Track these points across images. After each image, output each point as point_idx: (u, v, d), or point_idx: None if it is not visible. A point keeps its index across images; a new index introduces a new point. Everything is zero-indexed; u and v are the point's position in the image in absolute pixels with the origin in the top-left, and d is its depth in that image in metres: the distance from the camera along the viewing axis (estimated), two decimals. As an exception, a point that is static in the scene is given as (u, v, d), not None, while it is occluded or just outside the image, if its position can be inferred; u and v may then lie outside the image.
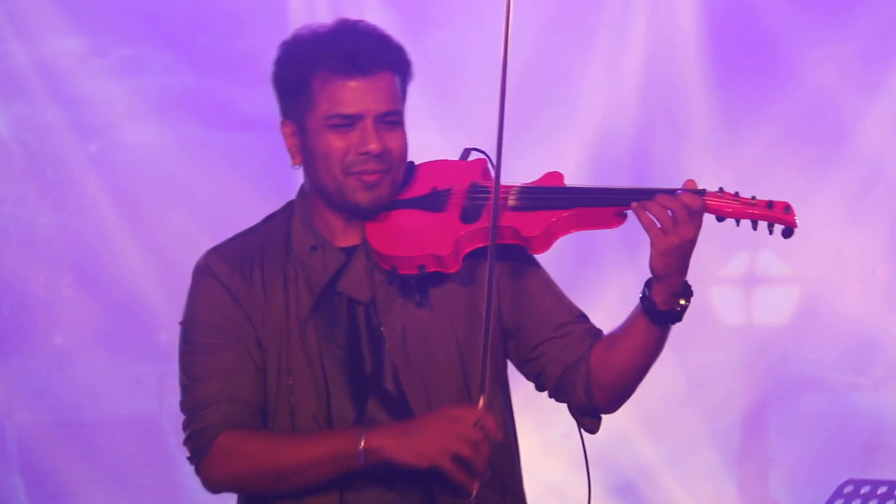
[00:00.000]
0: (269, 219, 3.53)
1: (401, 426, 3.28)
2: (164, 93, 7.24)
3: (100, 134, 7.27)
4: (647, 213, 3.24)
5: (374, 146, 3.35)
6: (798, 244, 3.58)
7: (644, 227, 3.25)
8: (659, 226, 3.23)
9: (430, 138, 6.07)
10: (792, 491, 7.29)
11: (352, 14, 6.91)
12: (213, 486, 3.41)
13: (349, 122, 3.36)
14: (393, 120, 3.39)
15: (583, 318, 3.47)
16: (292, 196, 3.56)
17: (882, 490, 5.76)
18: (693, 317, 3.46)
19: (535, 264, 3.49)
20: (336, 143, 3.36)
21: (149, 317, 7.15)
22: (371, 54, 3.37)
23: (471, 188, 3.41)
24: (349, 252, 3.42)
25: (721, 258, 7.48)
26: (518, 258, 3.44)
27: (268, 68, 3.51)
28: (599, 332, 3.45)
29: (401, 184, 3.44)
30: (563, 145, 7.28)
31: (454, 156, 3.54)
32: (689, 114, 7.44)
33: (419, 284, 3.39)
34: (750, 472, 7.33)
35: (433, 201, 3.42)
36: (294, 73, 3.41)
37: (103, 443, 7.18)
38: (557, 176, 3.40)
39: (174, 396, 3.47)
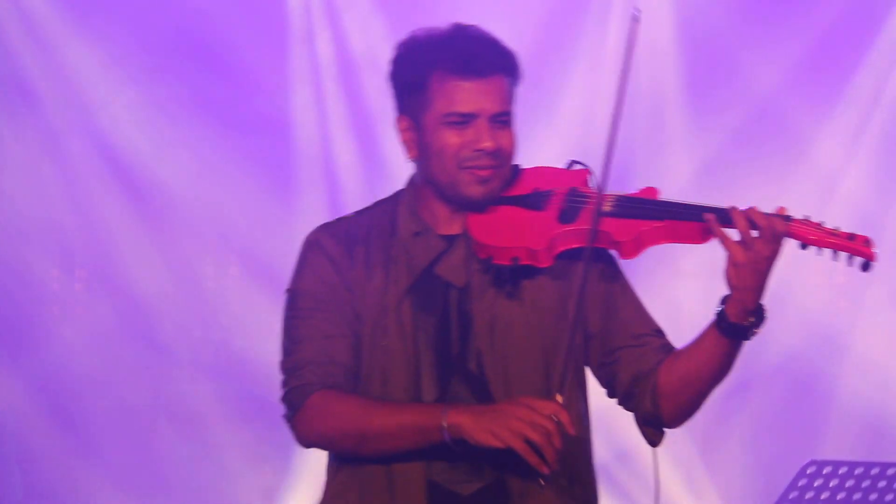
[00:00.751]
0: (378, 204, 3.66)
1: (481, 407, 3.37)
2: (174, 97, 7.22)
3: (110, 136, 7.27)
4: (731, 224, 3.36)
5: (488, 143, 3.47)
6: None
7: (719, 239, 3.37)
8: (738, 238, 3.35)
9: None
10: (759, 472, 7.35)
11: (350, 27, 6.97)
12: (304, 440, 3.54)
13: (465, 120, 3.47)
14: (504, 120, 3.51)
15: (660, 333, 3.58)
16: (298, 198, 3.64)
17: (843, 470, 5.92)
18: (662, 308, 3.64)
19: (623, 274, 3.60)
20: (452, 139, 3.48)
21: (153, 311, 7.10)
22: (486, 57, 3.49)
23: (570, 192, 3.52)
24: (450, 239, 3.54)
25: (685, 250, 7.58)
26: (608, 264, 3.57)
27: (272, 73, 3.48)
28: (673, 348, 3.55)
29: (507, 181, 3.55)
30: (544, 149, 7.29)
31: None
32: (664, 123, 7.50)
33: (512, 276, 3.49)
34: (719, 457, 7.44)
35: (534, 200, 3.53)
36: (412, 72, 3.52)
37: (102, 435, 7.13)
38: (653, 191, 3.52)
39: (173, 389, 3.56)
